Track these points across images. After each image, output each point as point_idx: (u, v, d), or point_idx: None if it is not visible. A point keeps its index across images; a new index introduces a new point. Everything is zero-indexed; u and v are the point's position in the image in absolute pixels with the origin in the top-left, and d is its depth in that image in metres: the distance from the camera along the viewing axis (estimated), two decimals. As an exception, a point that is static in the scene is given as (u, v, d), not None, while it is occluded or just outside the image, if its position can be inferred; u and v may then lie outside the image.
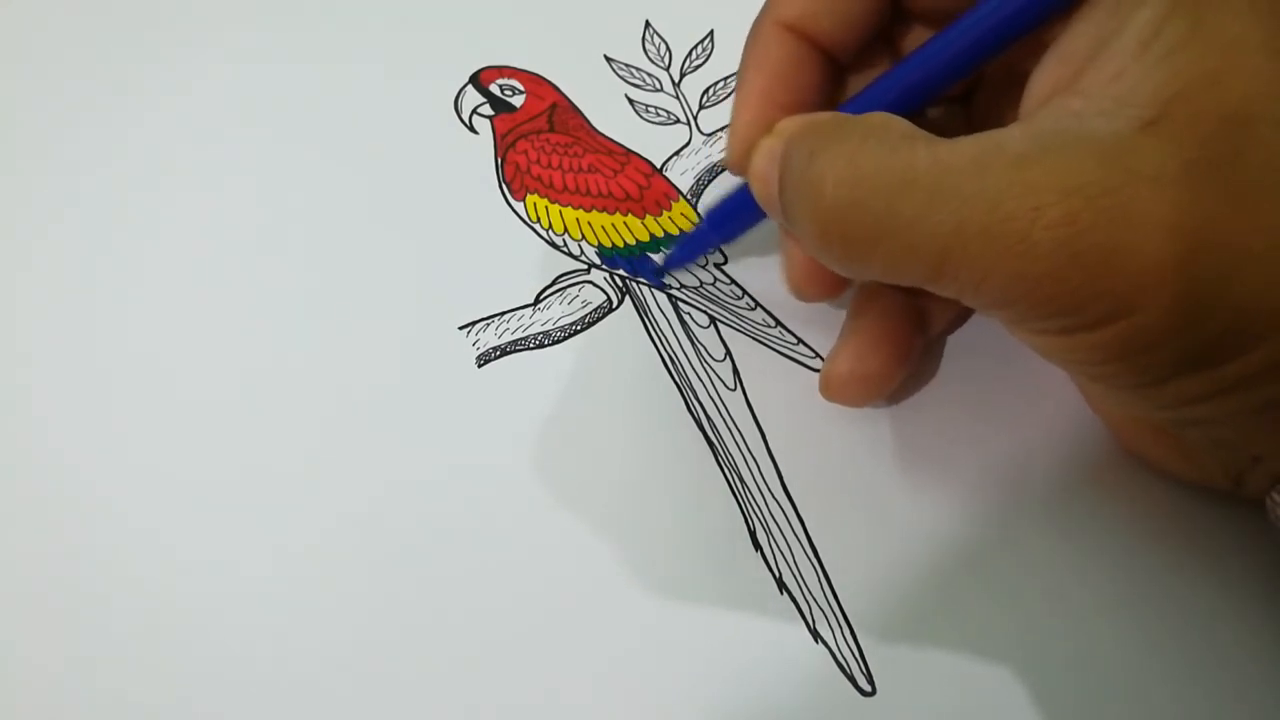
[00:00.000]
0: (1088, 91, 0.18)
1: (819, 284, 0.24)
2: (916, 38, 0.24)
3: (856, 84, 0.24)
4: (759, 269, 0.28)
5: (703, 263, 0.28)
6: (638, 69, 0.32)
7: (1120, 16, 0.18)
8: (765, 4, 0.24)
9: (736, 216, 0.25)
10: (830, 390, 0.25)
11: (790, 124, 0.21)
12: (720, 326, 0.27)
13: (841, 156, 0.19)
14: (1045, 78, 0.20)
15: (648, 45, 0.32)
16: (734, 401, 0.26)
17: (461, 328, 0.27)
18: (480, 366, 0.27)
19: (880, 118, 0.20)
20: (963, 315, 0.26)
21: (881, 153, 0.19)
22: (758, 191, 0.22)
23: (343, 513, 0.25)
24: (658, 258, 0.28)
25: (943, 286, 0.19)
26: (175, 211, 0.29)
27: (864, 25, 0.23)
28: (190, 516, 0.25)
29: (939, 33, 0.21)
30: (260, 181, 0.29)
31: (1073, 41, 0.19)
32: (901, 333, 0.24)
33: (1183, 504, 0.24)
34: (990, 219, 0.17)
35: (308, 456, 0.25)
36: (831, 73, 0.24)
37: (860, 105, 0.22)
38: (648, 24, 0.32)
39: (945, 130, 0.19)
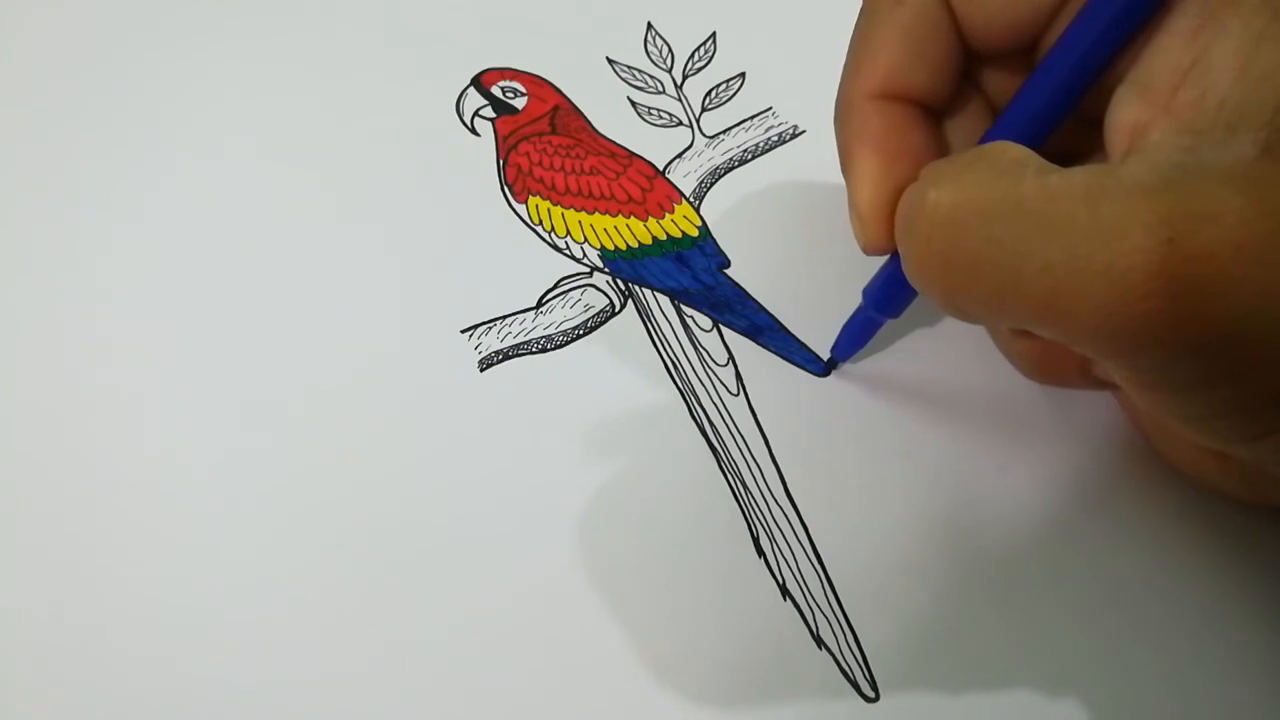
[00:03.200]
0: (1194, 125, 0.17)
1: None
2: (993, 76, 0.23)
3: (955, 127, 0.23)
4: (761, 270, 0.28)
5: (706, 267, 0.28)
6: (640, 71, 0.32)
7: (1200, 44, 0.17)
8: (845, 79, 0.22)
9: (899, 292, 0.24)
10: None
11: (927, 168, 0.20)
12: (723, 330, 0.27)
13: (947, 179, 0.18)
14: (1126, 114, 0.18)
15: (650, 47, 0.32)
16: (737, 406, 0.26)
17: (464, 331, 0.27)
18: (483, 370, 0.27)
19: (995, 145, 0.18)
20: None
21: (988, 176, 0.17)
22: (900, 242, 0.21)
23: (344, 517, 0.25)
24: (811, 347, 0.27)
25: (1051, 328, 0.17)
26: (175, 215, 0.29)
27: (952, 66, 0.22)
28: (188, 522, 0.25)
29: (1053, 50, 0.20)
30: (261, 184, 0.29)
31: (1150, 75, 0.18)
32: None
33: (1201, 511, 0.24)
34: (1112, 253, 0.15)
35: (309, 461, 0.25)
36: (932, 124, 0.23)
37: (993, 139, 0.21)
38: (650, 26, 0.32)
39: None
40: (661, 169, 0.30)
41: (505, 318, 0.27)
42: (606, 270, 0.28)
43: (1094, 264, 0.16)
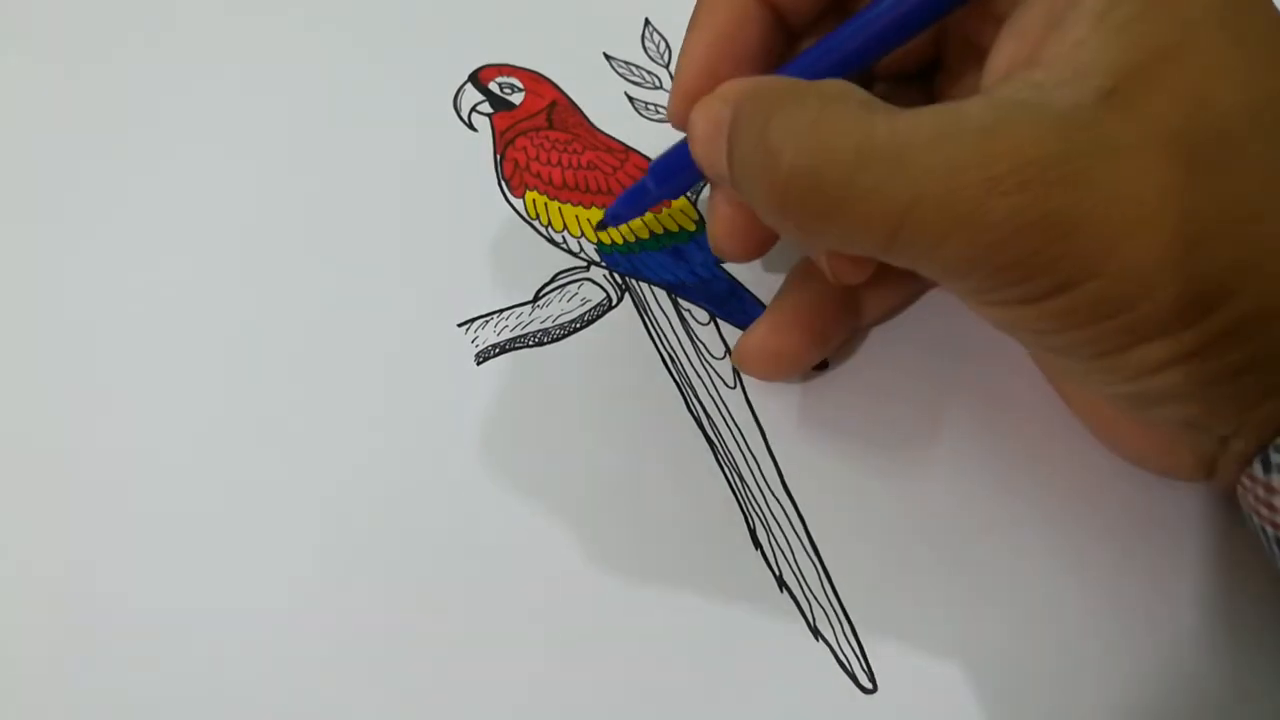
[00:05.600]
0: (1049, 63, 0.18)
1: (743, 244, 0.24)
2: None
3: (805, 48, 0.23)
4: (757, 264, 0.28)
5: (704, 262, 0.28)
6: (637, 66, 0.32)
7: None
8: None
9: (681, 174, 0.24)
10: (740, 359, 0.25)
11: (736, 87, 0.21)
12: (720, 324, 0.27)
13: (802, 124, 0.19)
14: (1003, 52, 0.20)
15: (647, 43, 0.32)
16: (734, 399, 0.26)
17: (460, 325, 0.27)
18: (479, 364, 0.27)
19: (837, 85, 0.19)
20: (897, 307, 0.26)
21: (842, 123, 0.18)
22: (698, 154, 0.22)
23: (340, 511, 0.25)
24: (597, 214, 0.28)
25: (896, 256, 0.19)
26: (172, 209, 0.29)
27: None
28: (183, 521, 0.25)
29: None
30: (258, 179, 0.29)
31: (1028, 15, 0.19)
32: (826, 317, 0.25)
33: (1200, 512, 0.24)
34: (948, 189, 0.17)
35: (305, 455, 0.25)
36: (781, 36, 0.23)
37: (802, 67, 0.21)
38: (647, 21, 0.32)
39: (906, 106, 0.19)
40: (658, 164, 0.30)
41: (502, 311, 0.27)
42: (603, 264, 0.28)
43: (933, 200, 0.17)
